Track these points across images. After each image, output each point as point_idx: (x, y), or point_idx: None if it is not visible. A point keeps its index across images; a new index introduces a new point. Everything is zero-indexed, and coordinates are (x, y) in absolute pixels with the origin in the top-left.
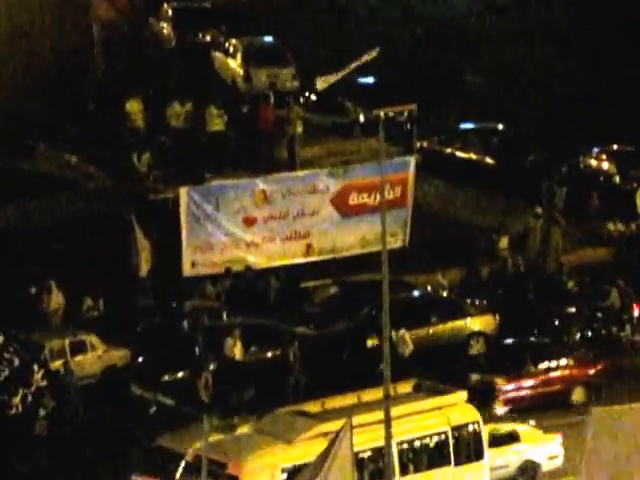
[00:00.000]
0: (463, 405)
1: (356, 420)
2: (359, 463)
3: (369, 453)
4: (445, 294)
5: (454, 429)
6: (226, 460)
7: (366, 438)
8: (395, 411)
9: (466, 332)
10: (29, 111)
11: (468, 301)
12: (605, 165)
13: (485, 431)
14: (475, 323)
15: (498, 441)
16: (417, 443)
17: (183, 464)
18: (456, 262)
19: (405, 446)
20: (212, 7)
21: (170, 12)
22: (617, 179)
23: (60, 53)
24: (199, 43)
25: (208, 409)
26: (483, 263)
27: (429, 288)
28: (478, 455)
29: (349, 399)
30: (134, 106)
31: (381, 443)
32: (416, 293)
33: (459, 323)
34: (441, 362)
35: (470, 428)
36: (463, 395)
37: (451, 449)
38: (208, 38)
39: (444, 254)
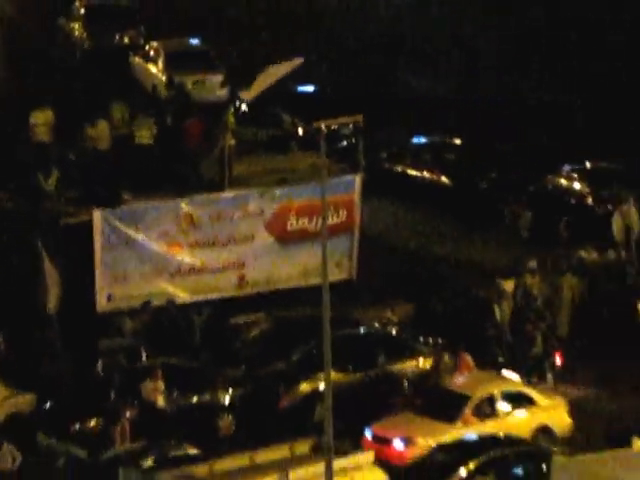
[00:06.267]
0: (371, 467)
1: None
2: None
3: None
4: (395, 331)
5: None
6: None
7: None
8: (293, 476)
9: (417, 373)
10: None
11: (421, 339)
12: (577, 185)
13: None
14: (428, 363)
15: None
16: None
17: None
18: (408, 296)
19: None
20: (130, 6)
21: (82, 11)
22: (590, 200)
23: None
24: (116, 46)
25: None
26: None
27: (377, 325)
28: None
29: (240, 460)
30: (39, 117)
31: None
32: (361, 330)
33: (410, 364)
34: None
35: None
36: (370, 456)
37: None
38: (126, 40)
39: (395, 287)
